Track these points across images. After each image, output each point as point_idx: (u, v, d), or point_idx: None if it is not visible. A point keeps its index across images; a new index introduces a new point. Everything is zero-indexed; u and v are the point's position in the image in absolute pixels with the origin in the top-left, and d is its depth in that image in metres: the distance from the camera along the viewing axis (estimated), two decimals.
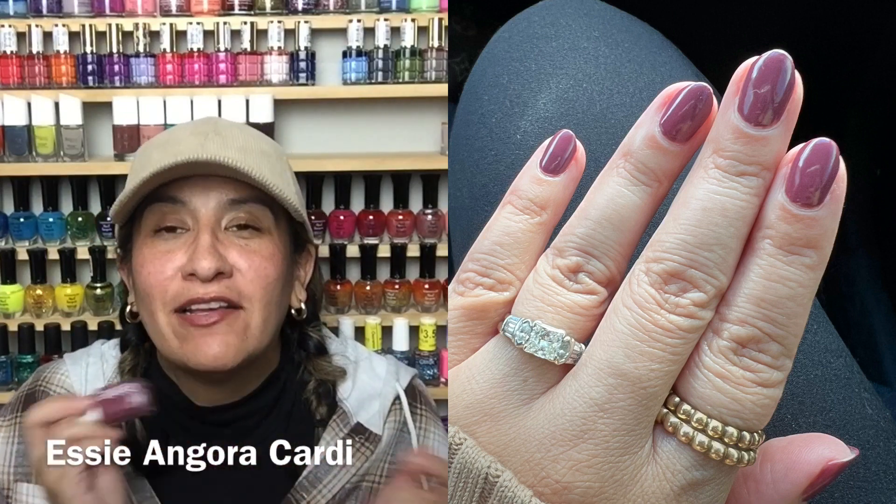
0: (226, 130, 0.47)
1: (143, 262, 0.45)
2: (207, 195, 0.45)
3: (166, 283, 0.44)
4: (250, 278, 0.45)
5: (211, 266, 0.43)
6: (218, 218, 0.45)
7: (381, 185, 0.79)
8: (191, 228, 0.45)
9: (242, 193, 0.45)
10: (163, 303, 0.44)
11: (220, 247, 0.44)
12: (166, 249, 0.45)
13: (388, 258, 0.78)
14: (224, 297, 0.44)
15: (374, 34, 0.77)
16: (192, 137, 0.46)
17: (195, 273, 0.43)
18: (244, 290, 0.45)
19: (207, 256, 0.43)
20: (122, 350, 0.49)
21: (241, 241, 0.45)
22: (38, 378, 0.49)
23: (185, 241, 0.45)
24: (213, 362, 0.44)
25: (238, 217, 0.45)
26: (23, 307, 0.76)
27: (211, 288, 0.44)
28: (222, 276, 0.44)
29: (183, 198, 0.45)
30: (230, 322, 0.44)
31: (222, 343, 0.44)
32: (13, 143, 0.74)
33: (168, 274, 0.44)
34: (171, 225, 0.45)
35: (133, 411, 0.42)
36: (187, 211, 0.45)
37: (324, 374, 0.49)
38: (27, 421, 0.41)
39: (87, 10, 0.76)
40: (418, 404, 0.50)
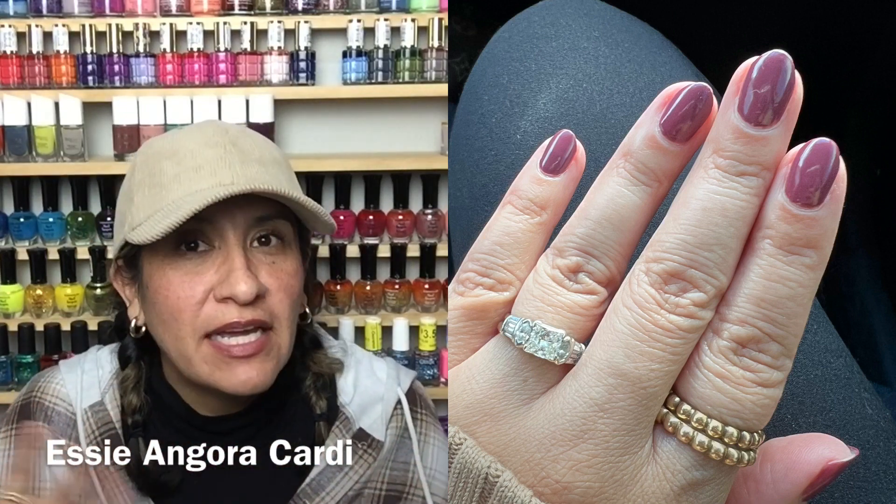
0: (240, 140, 0.45)
1: (167, 285, 0.43)
2: (234, 214, 0.43)
3: (197, 308, 0.42)
4: (279, 299, 0.43)
5: (250, 291, 0.41)
6: (245, 236, 0.43)
7: (381, 185, 0.79)
8: (217, 247, 0.43)
9: (268, 210, 0.44)
10: (193, 328, 0.42)
11: (252, 266, 0.43)
12: (194, 270, 0.43)
13: (388, 258, 0.78)
14: (260, 321, 0.42)
15: (374, 34, 0.77)
16: (208, 151, 0.44)
17: (233, 297, 0.42)
18: (274, 310, 0.43)
19: (247, 280, 0.42)
20: (122, 365, 0.48)
21: (268, 258, 0.44)
22: (34, 388, 0.48)
23: (214, 260, 0.43)
24: (252, 389, 0.43)
25: (263, 230, 0.44)
26: (23, 307, 0.76)
27: (247, 313, 0.42)
28: (259, 300, 0.42)
29: (209, 216, 0.42)
30: (266, 350, 0.43)
31: (261, 371, 0.43)
32: (13, 143, 0.74)
33: (199, 297, 0.42)
34: (195, 241, 0.43)
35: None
36: (213, 229, 0.43)
37: (322, 367, 0.48)
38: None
39: (87, 10, 0.76)
40: (419, 409, 0.49)
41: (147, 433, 0.46)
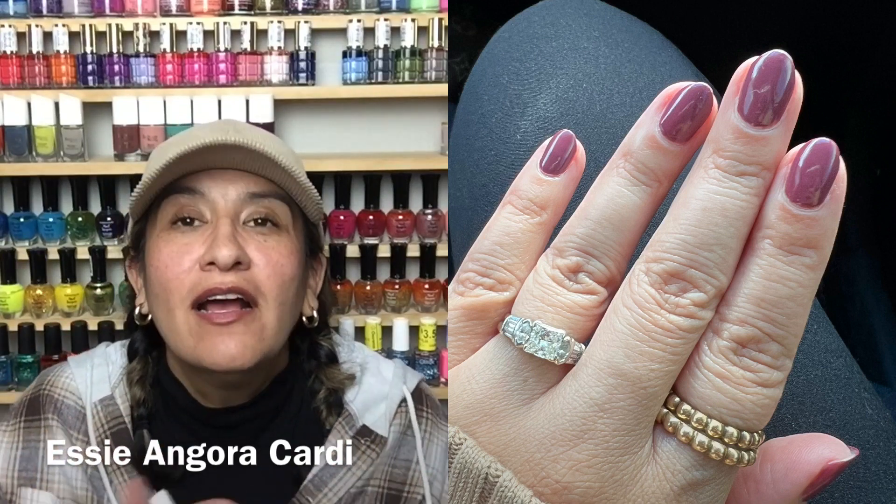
0: (245, 129, 0.46)
1: (158, 255, 0.44)
2: (227, 187, 0.44)
3: (184, 276, 0.43)
4: (267, 274, 0.44)
5: (230, 254, 0.43)
6: (237, 210, 0.45)
7: (381, 185, 0.79)
8: (209, 221, 0.44)
9: (263, 188, 0.45)
10: (180, 297, 0.43)
11: (239, 238, 0.44)
12: (184, 242, 0.44)
13: (388, 258, 0.78)
14: (241, 289, 0.43)
15: (374, 34, 0.77)
16: (211, 132, 0.45)
17: (214, 261, 0.43)
18: (261, 285, 0.44)
19: (227, 244, 0.43)
20: (130, 358, 0.49)
21: (259, 236, 0.45)
22: (42, 382, 0.49)
23: (203, 232, 0.44)
24: (230, 363, 0.43)
25: (257, 211, 0.45)
26: (23, 307, 0.76)
27: (228, 278, 0.43)
28: (240, 267, 0.43)
29: (202, 188, 0.44)
30: (247, 322, 0.43)
31: (239, 343, 0.43)
32: (13, 143, 0.74)
33: (186, 266, 0.43)
34: (189, 216, 0.44)
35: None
36: (206, 202, 0.44)
37: (335, 384, 0.49)
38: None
39: (87, 10, 0.76)
40: (424, 408, 0.50)
41: (152, 425, 0.46)
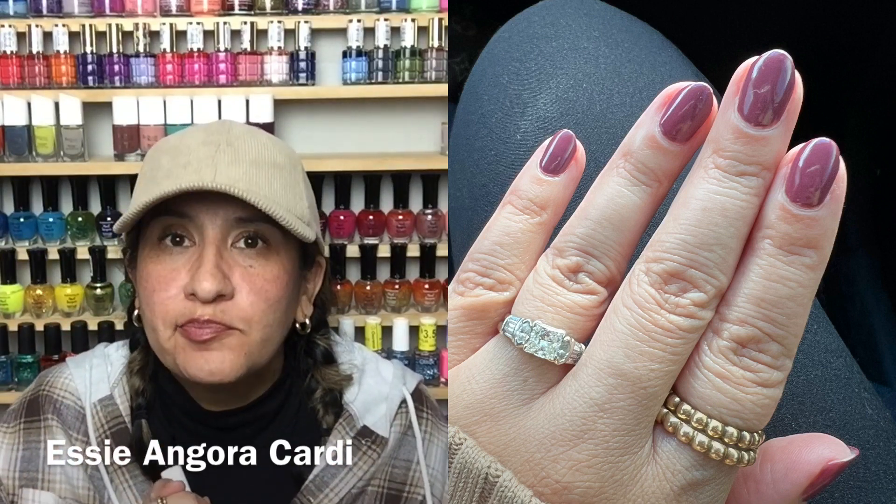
0: (238, 140, 0.46)
1: (147, 276, 0.45)
2: (215, 212, 0.44)
3: (169, 302, 0.44)
4: (251, 301, 0.44)
5: (211, 289, 0.43)
6: (224, 235, 0.44)
7: (381, 185, 0.79)
8: (196, 243, 0.44)
9: (250, 212, 0.44)
10: (164, 321, 0.44)
11: (225, 266, 0.44)
12: (171, 267, 0.44)
13: (388, 258, 0.78)
14: (219, 321, 0.43)
15: (374, 34, 0.77)
16: (202, 149, 0.45)
17: (195, 293, 0.43)
18: (243, 314, 0.44)
19: (209, 278, 0.43)
20: (132, 349, 0.49)
21: (246, 261, 0.45)
22: (42, 383, 0.49)
23: (190, 257, 0.44)
24: (210, 377, 0.44)
25: (246, 232, 0.45)
26: (23, 307, 0.76)
27: (208, 310, 0.43)
28: (222, 299, 0.44)
29: (190, 213, 0.44)
30: (223, 340, 0.44)
31: (218, 359, 0.44)
32: (13, 143, 0.74)
33: (171, 293, 0.44)
34: (178, 234, 0.45)
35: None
36: (194, 226, 0.44)
37: (331, 383, 0.49)
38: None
39: (87, 10, 0.76)
40: (424, 409, 0.50)
41: (151, 420, 0.46)
